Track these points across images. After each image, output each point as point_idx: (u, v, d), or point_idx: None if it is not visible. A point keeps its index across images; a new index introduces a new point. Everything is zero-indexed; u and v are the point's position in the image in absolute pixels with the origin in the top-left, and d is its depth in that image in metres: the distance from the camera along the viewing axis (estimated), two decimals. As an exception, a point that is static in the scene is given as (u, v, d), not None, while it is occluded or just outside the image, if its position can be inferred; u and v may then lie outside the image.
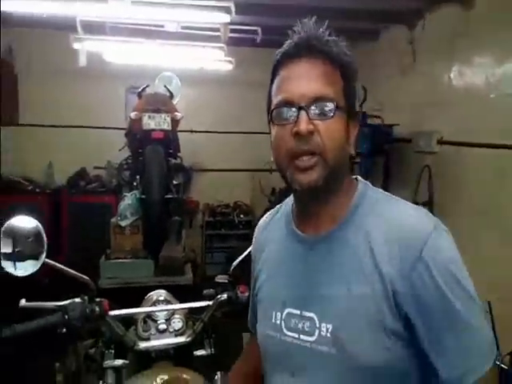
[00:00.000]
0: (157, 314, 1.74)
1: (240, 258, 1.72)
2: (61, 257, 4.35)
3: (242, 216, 6.01)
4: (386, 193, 1.04)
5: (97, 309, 1.50)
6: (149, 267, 3.69)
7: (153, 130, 3.77)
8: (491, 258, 3.14)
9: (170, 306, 1.74)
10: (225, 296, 1.70)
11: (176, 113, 3.98)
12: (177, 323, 1.75)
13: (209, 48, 4.23)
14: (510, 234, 3.00)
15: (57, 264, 1.42)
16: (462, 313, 0.89)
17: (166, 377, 1.50)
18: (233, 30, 4.14)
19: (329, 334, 0.94)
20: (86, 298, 1.50)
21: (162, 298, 1.83)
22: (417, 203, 3.91)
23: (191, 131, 5.48)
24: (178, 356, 1.74)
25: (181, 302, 1.81)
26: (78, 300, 1.49)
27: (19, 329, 1.37)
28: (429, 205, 3.84)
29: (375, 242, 0.93)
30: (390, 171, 4.28)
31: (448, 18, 3.73)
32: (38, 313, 1.48)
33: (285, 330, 1.02)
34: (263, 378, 1.17)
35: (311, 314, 0.98)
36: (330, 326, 0.95)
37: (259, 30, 4.42)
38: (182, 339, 1.71)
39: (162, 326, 1.71)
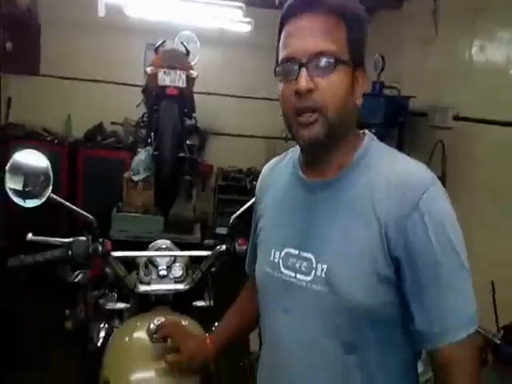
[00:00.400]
0: (158, 260, 1.80)
1: (240, 211, 1.77)
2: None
3: (254, 182, 5.97)
4: (391, 148, 1.06)
5: (100, 248, 1.57)
6: (159, 223, 3.78)
7: (168, 86, 3.79)
8: (502, 235, 3.14)
9: (169, 252, 1.80)
10: (223, 247, 1.75)
11: (191, 71, 3.98)
12: (177, 271, 1.80)
13: (227, 7, 4.19)
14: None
15: (61, 200, 1.47)
16: (447, 271, 0.92)
17: (162, 319, 1.56)
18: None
19: (323, 274, 0.98)
20: (89, 236, 1.56)
21: (164, 246, 1.89)
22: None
23: (208, 93, 5.48)
24: (177, 304, 1.81)
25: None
26: (82, 238, 1.55)
27: (25, 260, 1.44)
28: (441, 180, 3.81)
29: (376, 189, 0.96)
30: (404, 144, 4.24)
31: (473, -12, 3.65)
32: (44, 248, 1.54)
33: (282, 268, 1.06)
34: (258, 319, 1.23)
35: (309, 255, 1.01)
36: (324, 267, 0.98)
37: (278, -10, 4.37)
38: (181, 286, 1.77)
39: (163, 272, 1.77)
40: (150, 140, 4.13)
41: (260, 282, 1.15)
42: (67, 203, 1.50)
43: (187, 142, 4.31)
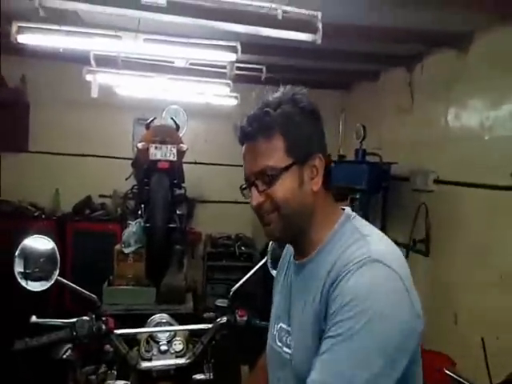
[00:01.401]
0: (159, 335, 1.82)
1: (239, 283, 1.83)
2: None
3: (243, 248, 6.04)
4: (364, 225, 1.14)
5: (103, 327, 1.59)
6: (151, 295, 3.76)
7: (159, 160, 3.90)
8: (486, 294, 3.22)
9: (172, 328, 1.83)
10: (224, 319, 1.80)
11: (182, 144, 4.11)
12: (178, 345, 1.83)
13: (215, 84, 4.41)
14: (504, 272, 3.07)
15: (68, 282, 1.52)
16: (335, 340, 0.96)
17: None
18: (238, 68, 4.31)
19: (291, 349, 1.12)
20: (93, 316, 1.59)
21: (164, 321, 1.92)
22: (413, 240, 4.01)
23: (195, 163, 5.62)
24: (178, 378, 1.81)
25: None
26: (85, 318, 1.58)
27: (30, 343, 1.46)
28: (425, 242, 3.92)
29: (328, 269, 1.05)
30: (388, 208, 4.37)
31: (445, 62, 3.90)
32: (47, 329, 1.57)
33: (277, 341, 1.20)
34: None
35: (290, 329, 1.15)
36: (292, 343, 1.13)
37: (264, 68, 4.60)
38: (182, 360, 1.79)
39: (164, 347, 1.79)
40: (140, 212, 4.19)
41: (266, 352, 1.29)
42: (72, 284, 1.55)
43: (177, 211, 4.38)
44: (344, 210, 1.17)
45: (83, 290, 1.58)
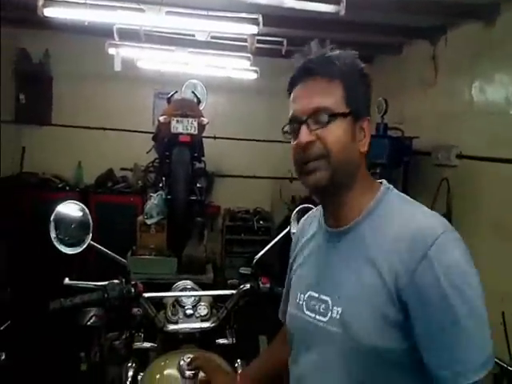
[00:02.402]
0: (184, 300, 1.89)
1: (262, 252, 1.87)
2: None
3: (261, 222, 6.09)
4: (408, 197, 1.14)
5: (132, 290, 1.66)
6: (172, 265, 3.84)
7: (180, 133, 3.93)
8: (506, 270, 3.22)
9: (198, 292, 1.89)
10: (247, 286, 1.85)
11: (202, 118, 4.14)
12: (203, 309, 1.90)
13: (235, 57, 4.40)
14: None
15: (99, 246, 1.58)
16: (458, 318, 0.95)
17: (191, 355, 1.62)
18: (259, 41, 4.30)
19: (338, 316, 1.06)
20: (123, 279, 1.65)
21: (188, 287, 1.99)
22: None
23: (214, 137, 5.64)
24: (202, 341, 1.88)
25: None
26: (116, 281, 1.65)
27: (65, 303, 1.53)
28: (447, 217, 3.91)
29: (386, 239, 1.03)
30: (409, 183, 4.36)
31: (470, 34, 3.83)
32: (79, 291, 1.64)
33: (304, 309, 1.15)
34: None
35: (326, 298, 1.10)
36: (339, 309, 1.06)
37: (285, 41, 4.57)
38: (207, 324, 1.85)
39: (189, 311, 1.86)
40: (161, 184, 4.26)
41: (287, 323, 1.25)
42: (104, 249, 1.61)
43: (197, 184, 4.44)
44: (381, 182, 1.16)
45: (114, 255, 1.65)
